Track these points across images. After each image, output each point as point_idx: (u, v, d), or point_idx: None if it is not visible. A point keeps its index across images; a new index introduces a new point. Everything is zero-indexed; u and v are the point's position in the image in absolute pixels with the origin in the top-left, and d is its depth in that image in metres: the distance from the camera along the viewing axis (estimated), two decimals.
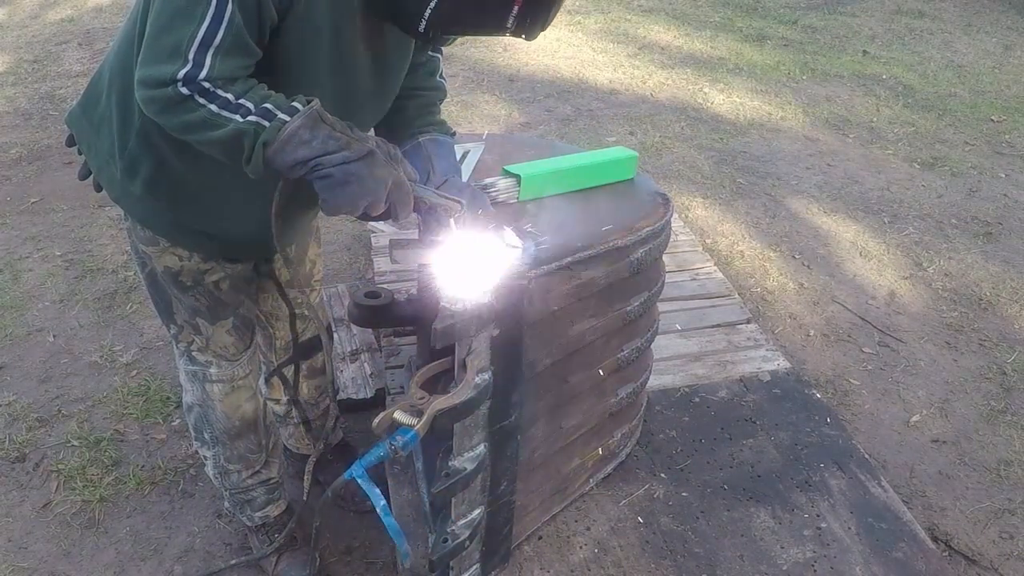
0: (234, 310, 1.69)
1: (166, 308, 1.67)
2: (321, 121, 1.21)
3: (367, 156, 1.24)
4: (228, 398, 1.78)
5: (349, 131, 1.25)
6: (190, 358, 1.74)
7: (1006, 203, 3.99)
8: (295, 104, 1.22)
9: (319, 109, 1.22)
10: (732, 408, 2.41)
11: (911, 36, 6.52)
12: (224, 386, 1.76)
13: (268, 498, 1.95)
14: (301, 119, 1.20)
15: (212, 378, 1.75)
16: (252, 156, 1.21)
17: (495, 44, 5.86)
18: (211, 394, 1.77)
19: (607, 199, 1.86)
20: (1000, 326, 3.09)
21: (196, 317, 1.66)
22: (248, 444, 1.86)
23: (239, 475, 1.88)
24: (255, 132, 1.19)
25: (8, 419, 2.48)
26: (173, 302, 1.65)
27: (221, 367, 1.75)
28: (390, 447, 1.38)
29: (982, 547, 2.18)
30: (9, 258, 3.27)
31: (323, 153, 1.21)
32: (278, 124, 1.19)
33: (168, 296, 1.64)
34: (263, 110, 1.19)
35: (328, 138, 1.21)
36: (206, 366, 1.74)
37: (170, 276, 1.60)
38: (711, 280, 3.00)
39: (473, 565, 1.81)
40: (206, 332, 1.68)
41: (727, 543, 1.99)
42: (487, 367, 1.52)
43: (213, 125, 1.19)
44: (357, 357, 2.65)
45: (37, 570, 2.03)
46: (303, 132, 1.20)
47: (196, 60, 1.18)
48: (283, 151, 1.20)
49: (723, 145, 4.47)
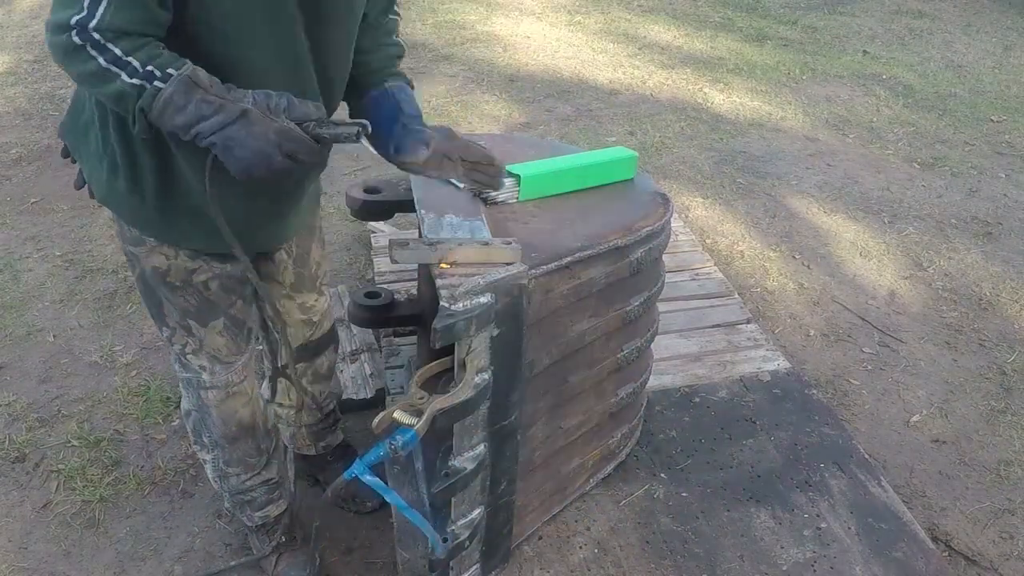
0: (224, 311, 1.66)
1: (158, 310, 1.66)
2: (195, 85, 1.20)
3: (241, 117, 1.22)
4: (223, 404, 1.76)
5: (225, 93, 1.23)
6: (183, 364, 1.72)
7: (1006, 203, 3.99)
8: (170, 70, 1.19)
9: (191, 73, 1.20)
10: (732, 408, 2.41)
11: (911, 36, 6.52)
12: (218, 392, 1.74)
13: (268, 498, 1.94)
14: (174, 85, 1.18)
15: (205, 384, 1.73)
16: (135, 121, 1.22)
17: (495, 44, 5.87)
18: (206, 401, 1.75)
19: (607, 199, 1.86)
20: (1000, 326, 3.09)
21: (187, 318, 1.64)
22: (247, 448, 1.84)
23: (238, 478, 1.88)
24: (137, 95, 1.19)
25: (8, 419, 2.48)
26: (164, 304, 1.63)
27: (215, 374, 1.72)
28: (390, 447, 1.38)
29: (982, 547, 2.18)
30: (9, 258, 3.27)
31: (199, 119, 1.20)
32: (153, 91, 1.19)
33: (159, 297, 1.63)
34: (146, 72, 1.18)
35: (201, 102, 1.20)
36: (199, 372, 1.72)
37: (158, 276, 1.58)
38: (711, 280, 3.00)
39: (473, 565, 1.81)
40: (198, 334, 1.66)
41: (727, 543, 1.99)
42: (487, 367, 1.52)
43: (103, 79, 1.19)
44: (357, 357, 2.65)
45: (37, 570, 2.03)
46: (177, 98, 1.19)
47: (89, 7, 1.17)
48: (162, 117, 1.20)
49: (723, 145, 4.47)
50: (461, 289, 1.42)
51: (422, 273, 2.04)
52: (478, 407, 1.54)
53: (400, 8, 1.69)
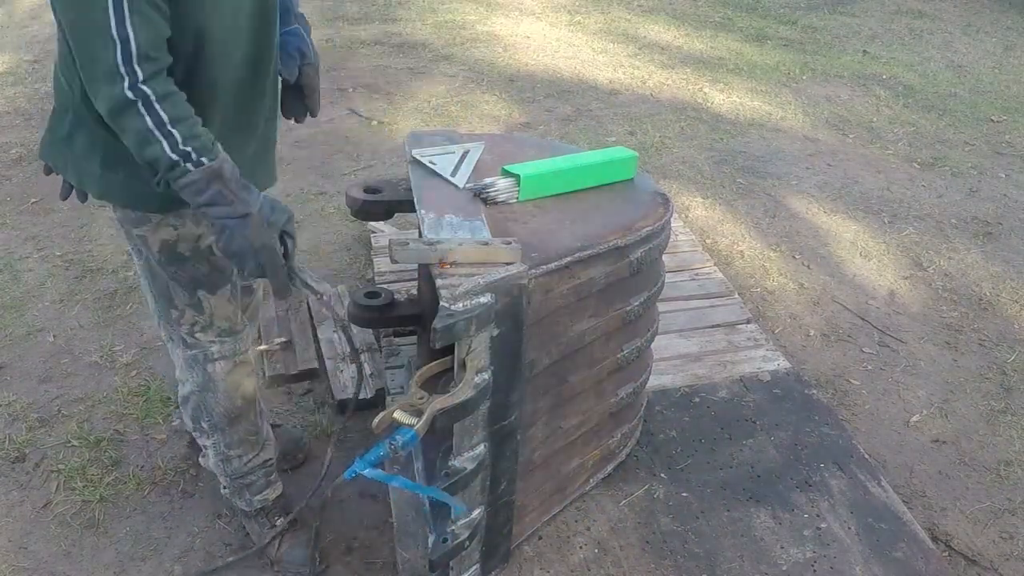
0: (230, 277, 1.76)
1: (164, 295, 1.74)
2: (218, 178, 1.41)
3: (243, 218, 1.43)
4: (231, 376, 1.83)
5: (241, 190, 1.44)
6: (189, 342, 1.79)
7: (1006, 203, 3.99)
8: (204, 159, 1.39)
9: (219, 167, 1.41)
10: (732, 408, 2.41)
11: (911, 36, 6.52)
12: (227, 363, 1.82)
13: (267, 481, 2.01)
14: (201, 172, 1.39)
15: (214, 356, 1.80)
16: (159, 183, 1.43)
17: (495, 44, 5.87)
18: (213, 375, 1.82)
19: (607, 199, 1.86)
20: (1000, 326, 3.09)
21: (198, 291, 1.72)
22: (248, 426, 1.91)
23: (240, 460, 1.94)
24: (169, 167, 1.39)
25: (8, 419, 2.49)
26: (171, 285, 1.71)
27: (224, 343, 1.80)
28: (390, 447, 1.38)
29: (982, 547, 2.18)
30: (9, 258, 3.27)
31: (210, 204, 1.42)
32: (184, 171, 1.39)
33: (164, 280, 1.71)
34: (184, 152, 1.38)
35: (217, 194, 1.41)
36: (208, 346, 1.79)
37: (168, 251, 1.66)
38: (711, 280, 3.00)
39: (473, 565, 1.81)
40: (208, 307, 1.75)
41: (727, 543, 1.99)
42: (487, 367, 1.52)
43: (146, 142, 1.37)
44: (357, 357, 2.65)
45: (37, 570, 2.03)
46: (200, 183, 1.40)
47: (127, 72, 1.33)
48: (182, 190, 1.41)
49: (723, 145, 4.47)
50: (461, 289, 1.42)
51: (422, 273, 2.04)
52: (478, 407, 1.54)
53: None
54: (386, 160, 4.15)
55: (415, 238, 1.57)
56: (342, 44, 5.80)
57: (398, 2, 6.82)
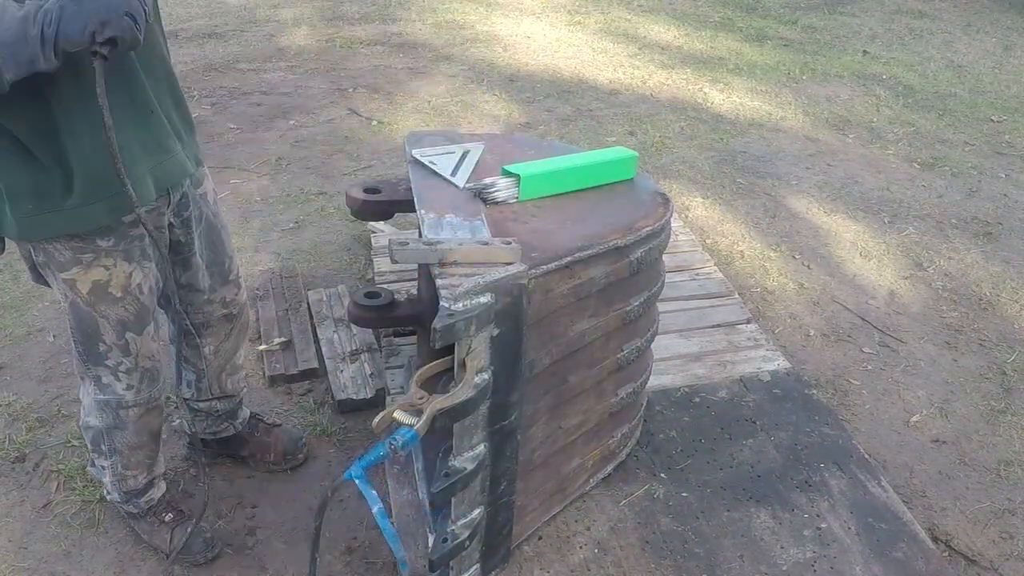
0: (152, 314, 1.78)
1: (93, 333, 1.72)
2: None
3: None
4: (140, 420, 1.88)
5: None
6: (104, 388, 1.81)
7: (1006, 203, 3.99)
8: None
9: None
10: (732, 408, 2.41)
11: (911, 36, 6.52)
12: (139, 410, 1.86)
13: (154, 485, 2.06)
14: None
15: (127, 404, 1.83)
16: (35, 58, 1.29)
17: (495, 44, 5.87)
18: (125, 418, 1.86)
19: (607, 199, 1.86)
20: (1000, 326, 3.09)
21: (125, 332, 1.73)
22: (148, 452, 1.97)
23: (135, 479, 1.99)
24: None
25: (8, 419, 2.48)
26: (100, 324, 1.71)
27: (140, 392, 1.82)
28: (390, 447, 1.38)
29: (982, 547, 2.18)
30: (9, 258, 3.26)
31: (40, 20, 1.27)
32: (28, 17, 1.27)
33: (94, 321, 1.70)
34: None
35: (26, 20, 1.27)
36: (123, 394, 1.81)
37: (99, 292, 1.66)
38: (711, 280, 3.00)
39: (473, 565, 1.81)
40: (134, 347, 1.76)
41: (727, 543, 1.99)
42: (487, 367, 1.52)
43: None
44: (357, 357, 2.65)
45: (37, 570, 2.03)
46: None
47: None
48: (39, 21, 1.27)
49: (723, 145, 4.47)
50: (461, 289, 1.42)
51: (422, 273, 2.04)
52: (478, 407, 1.54)
53: None
54: (386, 160, 4.15)
55: (415, 238, 1.57)
56: (342, 44, 5.81)
57: (398, 2, 6.82)
